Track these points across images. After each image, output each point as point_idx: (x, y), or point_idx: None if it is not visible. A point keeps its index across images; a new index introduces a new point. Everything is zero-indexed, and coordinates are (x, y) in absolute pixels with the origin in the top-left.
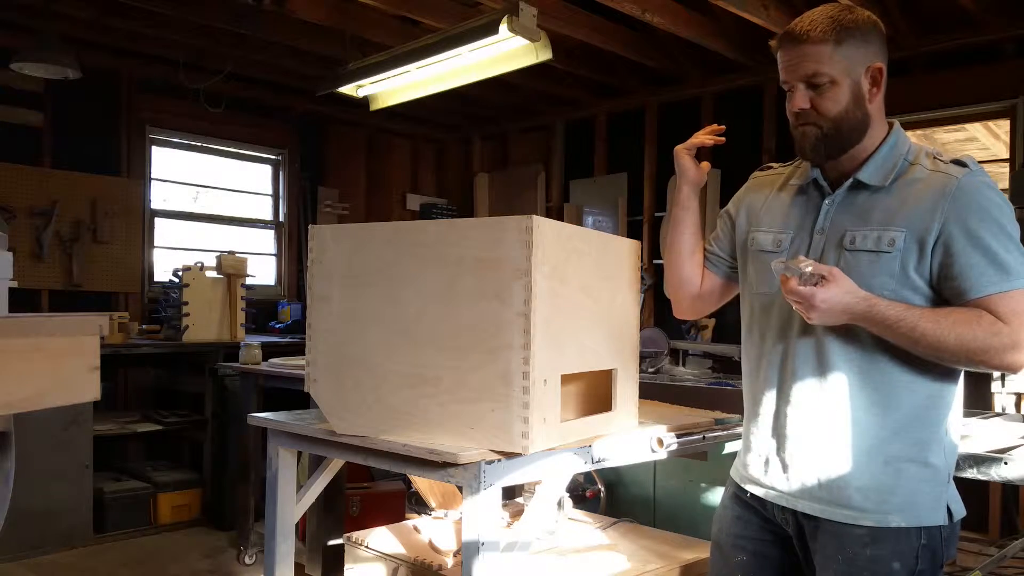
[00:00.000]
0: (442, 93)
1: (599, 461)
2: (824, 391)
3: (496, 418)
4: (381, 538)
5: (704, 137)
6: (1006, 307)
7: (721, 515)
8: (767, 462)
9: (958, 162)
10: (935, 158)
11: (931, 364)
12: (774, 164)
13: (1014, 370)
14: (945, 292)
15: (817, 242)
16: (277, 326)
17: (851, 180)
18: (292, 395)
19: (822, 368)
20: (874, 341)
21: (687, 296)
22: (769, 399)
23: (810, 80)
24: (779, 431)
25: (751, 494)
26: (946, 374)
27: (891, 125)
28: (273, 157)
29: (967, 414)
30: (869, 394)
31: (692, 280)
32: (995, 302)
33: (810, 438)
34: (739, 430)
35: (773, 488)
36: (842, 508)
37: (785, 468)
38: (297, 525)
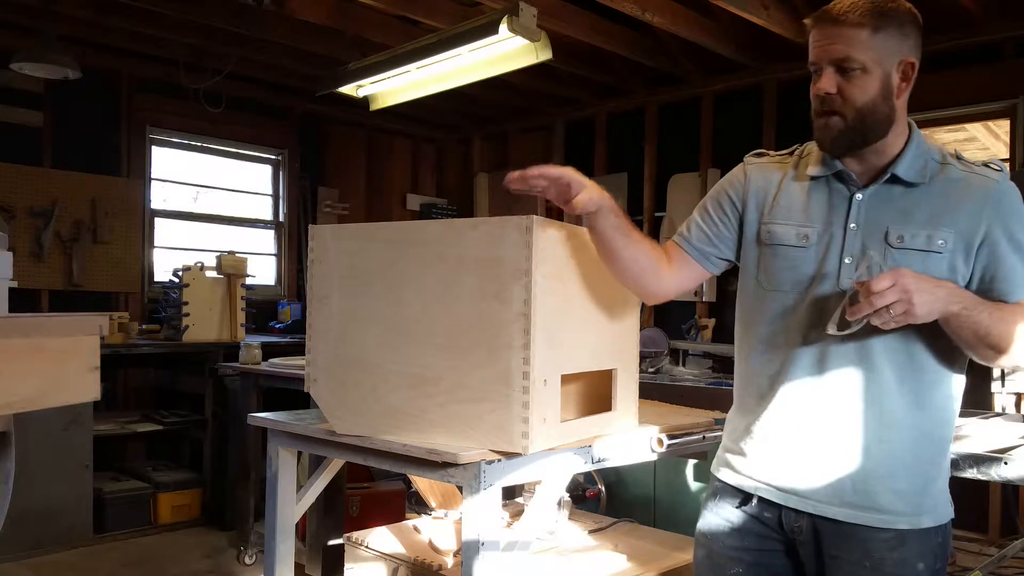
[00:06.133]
0: (442, 93)
1: (599, 461)
2: (866, 391)
3: (496, 418)
4: (381, 538)
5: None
6: None
7: (711, 523)
8: (790, 466)
9: (989, 165)
10: (959, 158)
11: (956, 362)
12: (767, 151)
13: None
14: (982, 293)
15: (852, 237)
16: (277, 326)
17: (888, 175)
18: (292, 395)
19: (865, 367)
20: (919, 337)
21: (651, 288)
22: (798, 401)
23: (840, 64)
24: (812, 435)
25: (758, 500)
26: (961, 373)
27: (910, 124)
28: (273, 157)
29: (967, 414)
30: (905, 394)
31: (650, 274)
32: None
33: (847, 441)
34: None
35: (797, 493)
36: (877, 512)
37: (815, 473)
38: (297, 525)
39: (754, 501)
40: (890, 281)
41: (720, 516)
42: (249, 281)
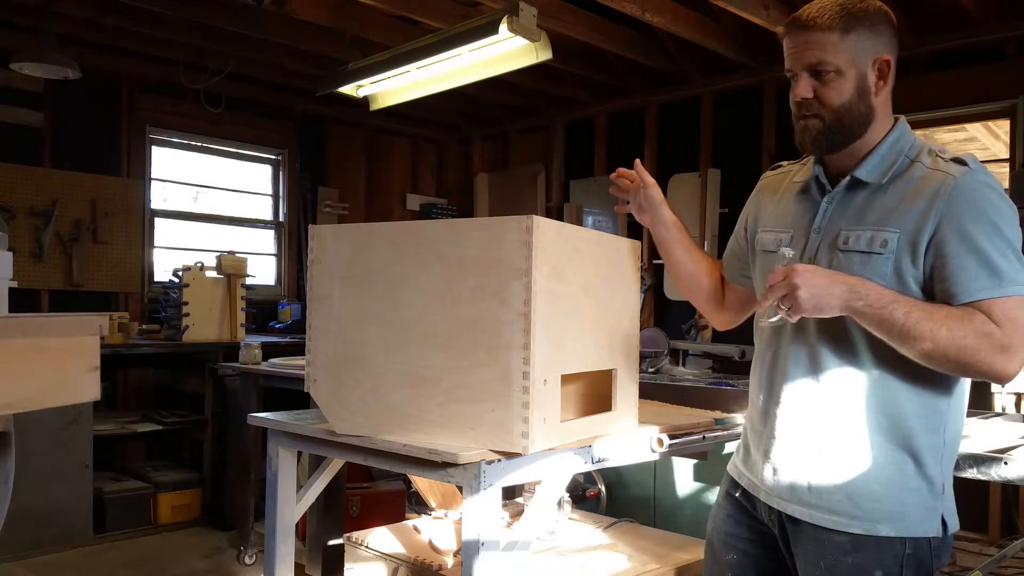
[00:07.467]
0: (442, 93)
1: (599, 461)
2: (816, 394)
3: (496, 418)
4: (381, 538)
5: (623, 182)
6: (999, 311)
7: (715, 513)
8: (759, 462)
9: (958, 160)
10: (936, 155)
11: (926, 372)
12: (784, 163)
13: (1002, 377)
14: (936, 295)
15: (813, 241)
16: (277, 326)
17: (848, 178)
18: (292, 395)
19: (814, 371)
20: (868, 345)
21: (710, 308)
22: (762, 399)
23: (814, 69)
24: (770, 432)
25: (742, 491)
26: (943, 383)
27: (896, 120)
28: (273, 157)
29: (967, 414)
30: (862, 400)
31: (706, 294)
32: (987, 307)
33: (800, 441)
34: (739, 430)
35: (764, 487)
36: (830, 514)
37: (775, 470)
38: (297, 525)
39: (739, 492)
40: (781, 276)
41: (720, 505)
42: (249, 281)
